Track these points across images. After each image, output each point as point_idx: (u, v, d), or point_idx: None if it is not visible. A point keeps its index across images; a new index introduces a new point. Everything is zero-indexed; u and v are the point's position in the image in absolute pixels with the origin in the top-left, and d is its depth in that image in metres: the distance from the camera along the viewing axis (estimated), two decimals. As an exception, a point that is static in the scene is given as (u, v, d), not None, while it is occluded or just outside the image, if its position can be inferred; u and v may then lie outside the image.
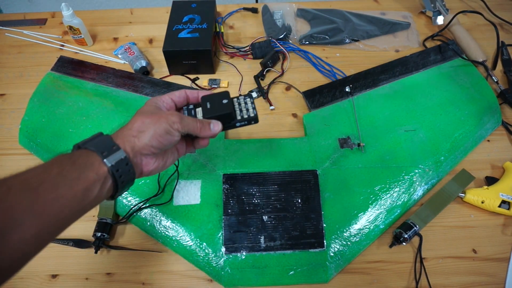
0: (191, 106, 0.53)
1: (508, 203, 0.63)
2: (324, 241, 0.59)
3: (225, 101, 0.51)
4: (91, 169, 0.38)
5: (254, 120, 0.53)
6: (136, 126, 0.43)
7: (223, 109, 0.51)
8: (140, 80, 0.80)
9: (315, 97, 0.77)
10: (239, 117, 0.52)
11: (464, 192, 0.65)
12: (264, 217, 0.60)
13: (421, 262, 0.59)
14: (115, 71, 0.81)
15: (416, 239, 0.62)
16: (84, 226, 0.63)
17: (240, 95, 0.56)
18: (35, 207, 0.34)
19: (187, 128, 0.47)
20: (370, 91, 0.78)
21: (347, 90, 0.77)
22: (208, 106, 0.51)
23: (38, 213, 0.34)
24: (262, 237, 0.59)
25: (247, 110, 0.53)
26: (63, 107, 0.75)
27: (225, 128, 0.52)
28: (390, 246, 0.61)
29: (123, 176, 0.41)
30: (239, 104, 0.54)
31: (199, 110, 0.52)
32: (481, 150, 0.72)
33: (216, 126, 0.50)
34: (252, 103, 0.54)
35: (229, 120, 0.52)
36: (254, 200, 0.62)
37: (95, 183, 0.38)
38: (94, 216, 0.63)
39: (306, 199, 0.62)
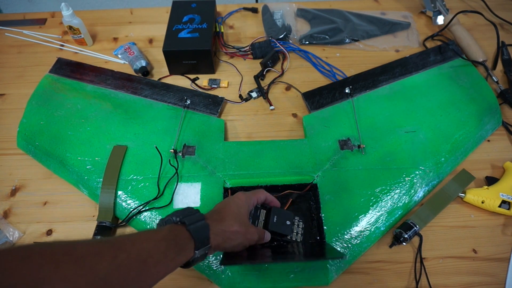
0: (258, 205, 0.57)
1: (508, 203, 0.63)
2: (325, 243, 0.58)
3: (288, 222, 0.57)
4: (185, 254, 0.44)
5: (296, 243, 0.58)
6: (229, 231, 0.49)
7: (284, 230, 0.57)
8: (139, 82, 0.80)
9: (315, 99, 0.77)
10: (289, 237, 0.58)
11: (464, 192, 0.65)
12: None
13: (421, 262, 0.59)
14: (113, 73, 0.81)
15: (416, 239, 0.62)
16: (83, 226, 0.63)
17: (298, 219, 0.60)
18: (141, 278, 0.38)
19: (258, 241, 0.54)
20: (370, 92, 0.78)
21: (347, 91, 0.77)
22: (275, 220, 0.56)
23: (139, 282, 0.38)
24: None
25: (297, 234, 0.58)
26: (62, 110, 0.74)
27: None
28: (390, 246, 0.61)
29: (199, 260, 0.47)
30: (294, 226, 0.59)
31: (262, 213, 0.57)
32: (481, 150, 0.72)
33: (267, 237, 0.55)
34: (303, 228, 0.59)
35: (281, 237, 0.57)
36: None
37: (181, 263, 0.44)
38: (94, 216, 0.63)
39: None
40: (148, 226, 0.61)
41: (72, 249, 0.34)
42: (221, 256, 0.56)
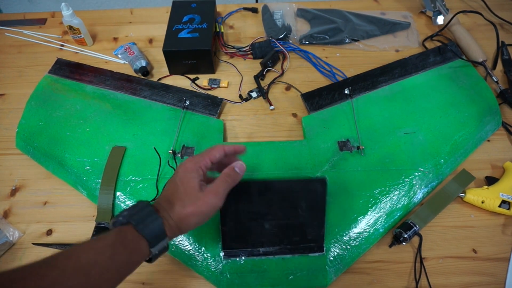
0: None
1: (508, 203, 0.63)
2: (324, 245, 0.58)
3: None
4: (139, 254, 0.42)
5: None
6: (183, 215, 0.45)
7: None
8: (138, 82, 0.80)
9: (314, 100, 0.77)
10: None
11: (464, 192, 0.65)
12: (264, 223, 0.59)
13: (421, 262, 0.59)
14: (113, 74, 0.81)
15: (416, 239, 0.62)
16: (83, 226, 0.63)
17: None
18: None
19: (226, 194, 0.49)
20: (370, 93, 0.77)
21: (346, 92, 0.77)
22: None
23: None
24: (262, 242, 0.58)
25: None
26: (61, 110, 0.74)
27: None
28: (390, 246, 0.61)
29: (160, 253, 0.45)
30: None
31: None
32: (481, 150, 0.72)
33: (241, 170, 0.51)
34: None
35: None
36: (255, 207, 0.61)
37: (138, 263, 0.43)
38: (94, 216, 0.63)
39: (311, 208, 0.59)
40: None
41: (7, 278, 0.34)
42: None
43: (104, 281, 0.38)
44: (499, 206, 0.63)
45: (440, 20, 0.92)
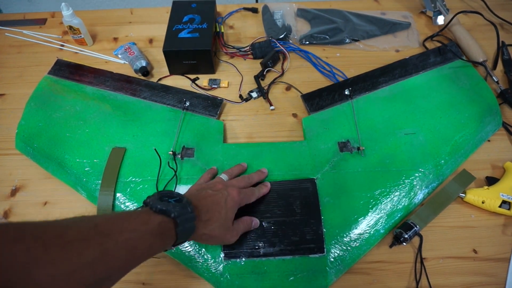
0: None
1: (509, 203, 0.63)
2: (324, 246, 0.58)
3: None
4: (164, 248, 0.45)
5: None
6: (210, 235, 0.51)
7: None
8: (138, 83, 0.79)
9: (314, 100, 0.77)
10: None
11: (464, 192, 0.65)
12: (263, 223, 0.60)
13: (422, 262, 0.59)
14: (112, 75, 0.81)
15: (416, 239, 0.62)
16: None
17: None
18: (125, 266, 0.40)
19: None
20: (370, 94, 0.77)
21: (346, 93, 0.77)
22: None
23: (123, 270, 0.40)
24: (261, 243, 0.58)
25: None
26: (61, 111, 0.74)
27: None
28: (390, 246, 0.61)
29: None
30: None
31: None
32: (482, 150, 0.72)
33: (255, 224, 0.59)
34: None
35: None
36: (253, 207, 0.61)
37: (156, 254, 0.44)
38: (94, 216, 0.63)
39: (305, 205, 0.61)
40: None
41: (62, 232, 0.35)
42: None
43: (136, 263, 0.41)
44: (500, 206, 0.63)
45: (441, 20, 0.92)
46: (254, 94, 0.81)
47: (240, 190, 0.56)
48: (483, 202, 0.64)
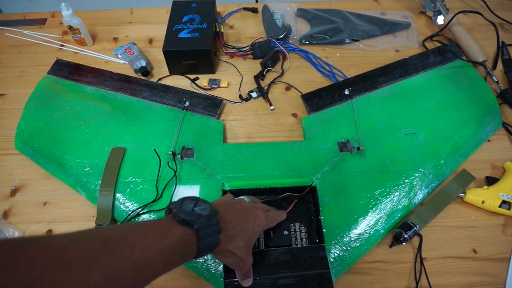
0: None
1: (509, 203, 0.63)
2: (324, 246, 0.58)
3: (286, 232, 0.59)
4: (183, 262, 0.41)
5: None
6: (231, 253, 0.46)
7: (284, 242, 0.59)
8: (137, 83, 0.79)
9: (314, 100, 0.77)
10: (294, 245, 0.59)
11: (464, 192, 0.65)
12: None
13: (421, 262, 0.59)
14: (112, 74, 0.81)
15: (416, 239, 0.62)
16: (83, 227, 0.63)
17: (299, 225, 0.61)
18: (134, 286, 0.36)
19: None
20: (370, 94, 0.77)
21: (346, 93, 0.77)
22: (271, 235, 0.59)
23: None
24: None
25: (301, 239, 0.59)
26: (60, 111, 0.74)
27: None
28: (390, 246, 0.61)
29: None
30: (296, 233, 0.60)
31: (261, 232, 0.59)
32: (482, 150, 0.72)
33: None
34: (306, 232, 0.60)
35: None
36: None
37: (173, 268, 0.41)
38: (94, 216, 0.63)
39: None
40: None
41: (66, 250, 0.32)
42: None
43: (147, 281, 0.37)
44: (499, 206, 0.63)
45: (440, 20, 0.92)
46: (254, 94, 0.81)
47: (267, 214, 0.53)
48: (483, 202, 0.64)
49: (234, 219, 0.47)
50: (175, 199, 0.63)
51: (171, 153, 0.66)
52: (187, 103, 0.76)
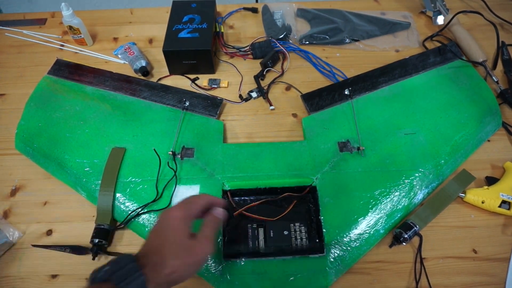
0: (254, 225, 0.60)
1: (509, 203, 0.63)
2: (324, 246, 0.58)
3: (286, 232, 0.60)
4: None
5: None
6: (174, 273, 0.42)
7: (284, 241, 0.59)
8: (137, 83, 0.79)
9: (314, 100, 0.77)
10: (293, 245, 0.59)
11: (464, 192, 0.65)
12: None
13: (421, 262, 0.59)
14: (112, 74, 0.81)
15: (416, 239, 0.62)
16: (83, 226, 0.63)
17: (299, 225, 0.61)
18: None
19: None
20: (370, 94, 0.77)
21: (346, 93, 0.77)
22: (271, 234, 0.59)
23: None
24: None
25: (301, 239, 0.60)
26: (60, 111, 0.74)
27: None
28: (390, 246, 0.61)
29: None
30: (295, 233, 0.60)
31: (260, 231, 0.60)
32: (482, 150, 0.72)
33: (223, 215, 0.50)
34: (306, 232, 0.60)
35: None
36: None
37: None
38: (94, 216, 0.63)
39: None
40: (147, 229, 0.61)
41: None
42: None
43: None
44: (499, 206, 0.63)
45: (440, 20, 0.92)
46: (254, 94, 0.81)
47: (180, 204, 0.48)
48: (483, 202, 0.64)
49: (150, 239, 0.45)
50: (175, 199, 0.63)
51: (171, 153, 0.66)
52: (187, 103, 0.76)
